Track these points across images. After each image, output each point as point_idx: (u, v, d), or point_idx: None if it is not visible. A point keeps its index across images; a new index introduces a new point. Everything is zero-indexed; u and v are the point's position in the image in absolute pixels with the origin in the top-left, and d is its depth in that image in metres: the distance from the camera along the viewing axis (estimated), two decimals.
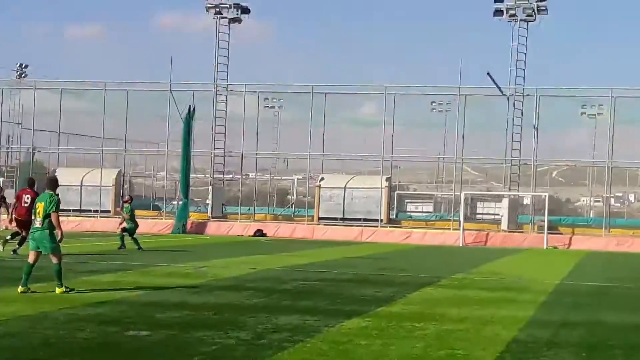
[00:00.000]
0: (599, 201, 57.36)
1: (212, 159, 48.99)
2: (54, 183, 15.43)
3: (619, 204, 72.59)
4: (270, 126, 54.78)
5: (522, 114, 45.56)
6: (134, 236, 27.57)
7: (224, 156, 49.16)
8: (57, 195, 15.04)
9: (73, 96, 52.91)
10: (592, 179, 56.22)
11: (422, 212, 54.70)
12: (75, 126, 53.99)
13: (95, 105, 50.77)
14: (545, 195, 44.31)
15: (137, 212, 43.43)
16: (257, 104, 49.75)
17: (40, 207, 14.88)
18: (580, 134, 54.32)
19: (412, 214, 53.30)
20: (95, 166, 49.62)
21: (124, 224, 27.82)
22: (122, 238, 27.29)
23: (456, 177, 46.61)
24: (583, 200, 75.86)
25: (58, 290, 14.72)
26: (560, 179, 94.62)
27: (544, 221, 41.53)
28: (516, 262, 27.85)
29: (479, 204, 51.61)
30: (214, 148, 48.75)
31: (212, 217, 47.20)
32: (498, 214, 46.54)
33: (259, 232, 43.77)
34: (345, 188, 46.01)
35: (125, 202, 29.16)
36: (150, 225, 42.80)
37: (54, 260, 14.88)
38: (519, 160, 45.78)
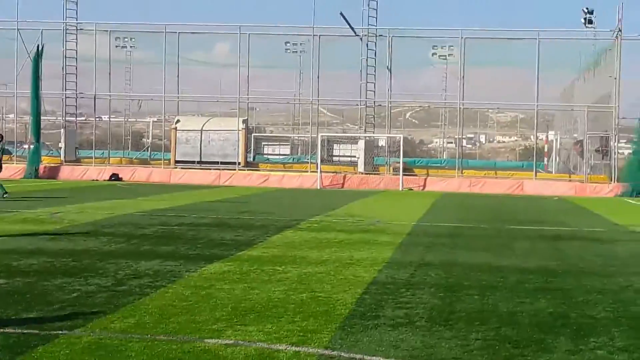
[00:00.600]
0: (451, 142, 58.98)
1: (64, 100, 47.56)
2: None
3: (470, 145, 74.94)
4: (123, 67, 53.45)
5: (375, 55, 46.11)
6: None
7: (76, 98, 47.81)
8: None
9: None
10: (445, 120, 57.70)
11: (280, 154, 54.85)
12: None
13: None
14: (400, 137, 45.23)
15: None
16: (109, 44, 48.42)
17: None
18: (433, 75, 55.41)
19: (270, 157, 53.39)
20: None
21: None
22: None
23: (312, 119, 46.92)
24: (436, 142, 77.81)
25: None
26: (414, 120, 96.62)
27: (399, 163, 42.45)
28: (373, 204, 28.40)
29: (335, 146, 52.16)
30: (66, 89, 47.30)
31: (66, 161, 46.00)
32: (354, 156, 47.22)
33: (115, 177, 42.98)
34: (201, 131, 45.61)
35: None
36: None
37: None
38: (374, 102, 46.45)
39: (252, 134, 52.62)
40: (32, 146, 44.71)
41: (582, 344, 7.85)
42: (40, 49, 44.79)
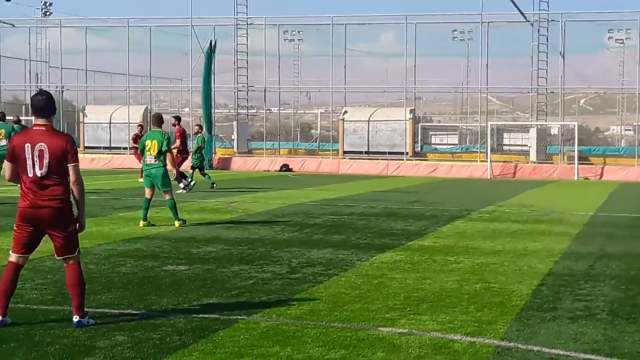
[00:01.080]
0: (629, 130, 56.80)
1: (235, 93, 48.82)
2: (160, 119, 15.80)
3: None
4: (291, 59, 54.41)
5: (547, 41, 44.90)
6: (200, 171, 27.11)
7: (247, 91, 48.98)
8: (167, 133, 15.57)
9: (97, 34, 52.84)
10: (622, 107, 55.61)
11: (448, 144, 54.40)
12: (101, 64, 54.05)
13: (119, 43, 50.67)
14: (574, 125, 43.89)
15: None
16: (278, 37, 49.37)
17: (152, 144, 15.12)
18: (608, 59, 53.46)
19: (437, 147, 53.03)
20: (121, 103, 49.71)
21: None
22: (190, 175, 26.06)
23: (481, 108, 46.24)
24: (613, 129, 75.13)
25: (177, 223, 15.33)
26: (588, 107, 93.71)
27: (573, 152, 41.20)
28: (547, 193, 27.73)
29: (505, 135, 51.24)
30: (237, 83, 48.57)
31: (238, 153, 47.23)
32: (525, 145, 46.16)
33: (285, 167, 43.78)
34: (369, 121, 45.76)
35: (196, 133, 29.04)
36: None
37: (167, 196, 15.35)
38: (546, 89, 45.27)
39: (420, 124, 52.45)
40: (205, 137, 46.11)
41: None
42: (212, 44, 46.16)
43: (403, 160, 43.89)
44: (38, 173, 7.25)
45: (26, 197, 7.31)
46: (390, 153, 44.53)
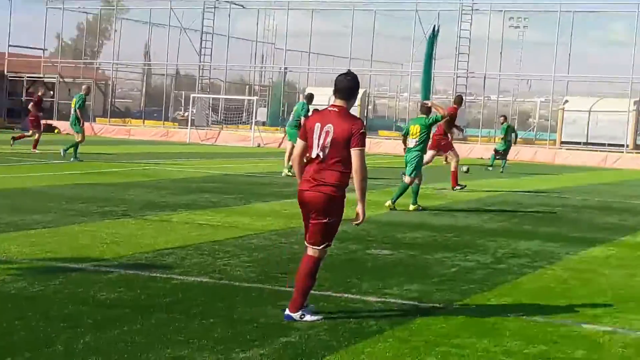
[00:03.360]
0: None
1: (455, 79, 48.61)
2: (429, 110, 16.42)
3: None
4: (513, 47, 53.49)
5: None
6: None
7: (467, 77, 48.62)
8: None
9: (324, 17, 54.10)
10: None
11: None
12: (324, 47, 55.34)
13: (343, 27, 51.63)
14: None
15: (381, 133, 44.28)
16: (502, 24, 48.64)
17: (416, 129, 15.75)
18: None
19: None
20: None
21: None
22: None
23: None
24: None
25: (412, 207, 15.83)
26: None
27: None
28: None
29: None
30: (457, 69, 48.31)
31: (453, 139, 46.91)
32: None
33: (499, 156, 43.11)
34: (590, 111, 44.31)
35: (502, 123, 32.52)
36: (392, 145, 43.33)
37: (415, 181, 15.97)
38: None
39: None
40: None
41: None
42: (436, 29, 46.14)
43: (623, 152, 42.23)
44: (318, 155, 6.99)
45: (304, 179, 7.10)
46: (609, 145, 42.98)
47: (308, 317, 7.03)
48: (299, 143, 7.22)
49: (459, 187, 20.31)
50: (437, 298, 8.24)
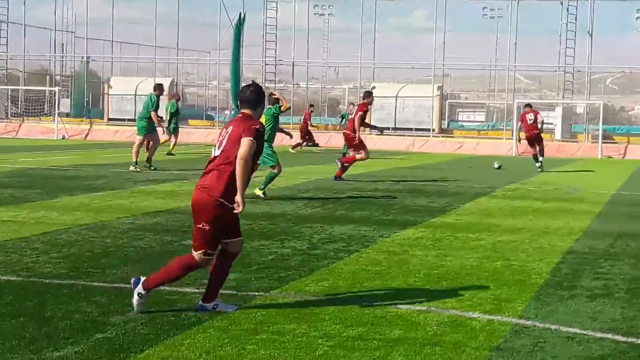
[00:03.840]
0: None
1: (264, 67, 48.82)
2: (276, 100, 16.55)
3: None
4: (320, 34, 54.29)
5: (575, 19, 44.48)
6: None
7: (275, 65, 48.94)
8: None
9: (125, 4, 53.00)
10: None
11: (474, 121, 54.21)
12: (127, 35, 54.20)
13: (146, 14, 50.76)
14: (599, 104, 43.53)
15: (192, 122, 43.81)
16: (308, 11, 49.22)
17: (262, 119, 15.47)
18: (636, 39, 53.02)
19: (464, 124, 52.86)
20: (148, 75, 49.79)
21: None
22: None
23: (508, 86, 45.92)
24: (638, 109, 74.51)
25: (258, 191, 16.00)
26: (614, 86, 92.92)
27: (598, 130, 40.93)
28: (570, 172, 27.55)
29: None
30: (265, 57, 48.52)
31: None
32: (551, 123, 45.84)
33: (312, 142, 43.70)
34: (396, 97, 45.64)
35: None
36: (203, 135, 43.09)
37: (274, 170, 16.26)
38: (573, 68, 44.91)
39: (447, 101, 52.27)
40: (232, 112, 46.17)
41: None
42: (242, 17, 46.06)
43: (429, 137, 43.77)
44: (215, 156, 7.11)
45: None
46: (416, 129, 44.43)
47: (221, 307, 7.13)
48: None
49: (339, 180, 20.47)
50: (256, 286, 8.20)
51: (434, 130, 44.56)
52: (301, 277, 8.74)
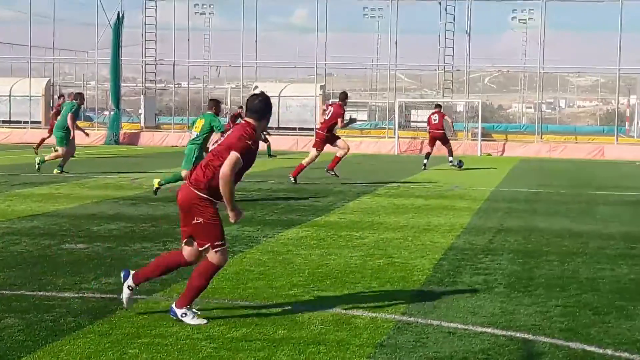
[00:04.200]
0: (530, 107, 58.12)
1: (144, 67, 48.10)
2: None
3: (550, 110, 73.67)
4: (202, 33, 53.88)
5: (454, 19, 45.45)
6: None
7: (156, 64, 48.28)
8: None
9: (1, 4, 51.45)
10: (524, 85, 56.85)
11: (358, 120, 54.73)
12: (1, 35, 52.54)
13: (21, 13, 49.33)
14: (478, 102, 44.64)
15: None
16: (188, 10, 48.75)
17: (200, 123, 15.95)
18: (512, 39, 54.71)
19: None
20: (24, 75, 48.42)
21: None
22: None
23: (390, 85, 46.59)
24: (515, 107, 76.71)
25: (156, 182, 16.06)
26: (492, 85, 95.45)
27: (477, 128, 41.93)
28: (451, 169, 28.12)
29: (413, 112, 51.79)
30: (145, 56, 47.83)
31: (145, 128, 46.59)
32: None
33: None
34: (279, 96, 45.66)
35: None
36: (82, 136, 42.07)
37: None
38: (452, 67, 45.87)
39: (330, 100, 52.59)
40: (112, 113, 45.39)
41: None
42: (120, 16, 45.32)
43: (313, 136, 43.89)
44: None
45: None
46: (300, 129, 44.57)
47: (189, 319, 6.85)
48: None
49: (292, 180, 20.35)
50: (138, 289, 8.02)
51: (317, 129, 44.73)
52: (184, 279, 8.58)
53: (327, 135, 20.57)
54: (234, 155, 6.81)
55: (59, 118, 22.29)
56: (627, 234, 12.64)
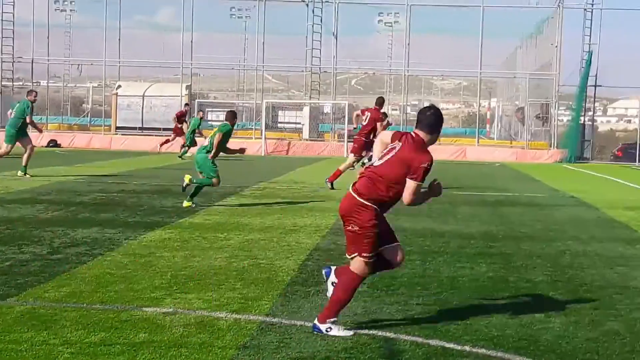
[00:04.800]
0: (396, 109, 59.17)
1: (0, 64, 46.50)
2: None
3: (414, 112, 75.14)
4: (62, 30, 52.38)
5: (321, 21, 45.85)
6: None
7: (13, 62, 46.80)
8: None
9: None
10: (390, 87, 57.80)
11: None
12: None
13: None
14: (345, 104, 45.14)
15: None
16: (47, 6, 47.40)
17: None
18: (378, 42, 55.55)
19: (214, 123, 52.90)
20: None
21: None
22: None
23: (257, 85, 46.57)
24: None
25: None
26: (359, 87, 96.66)
27: (344, 129, 42.37)
28: (318, 170, 28.30)
29: (280, 113, 51.92)
30: (2, 53, 46.26)
31: (1, 127, 45.00)
32: (299, 123, 47.07)
33: (53, 143, 42.20)
34: (143, 96, 44.98)
35: None
36: None
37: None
38: (319, 68, 46.25)
39: (196, 100, 52.20)
40: None
41: (521, 307, 7.89)
42: None
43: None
44: (372, 164, 6.97)
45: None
46: (165, 129, 44.02)
47: (335, 332, 6.70)
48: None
49: (329, 185, 20.04)
50: None
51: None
52: (41, 283, 8.32)
53: (366, 140, 20.33)
54: (414, 185, 6.71)
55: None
56: (486, 233, 12.98)
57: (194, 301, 7.75)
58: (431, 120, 6.90)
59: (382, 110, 21.07)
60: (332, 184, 20.08)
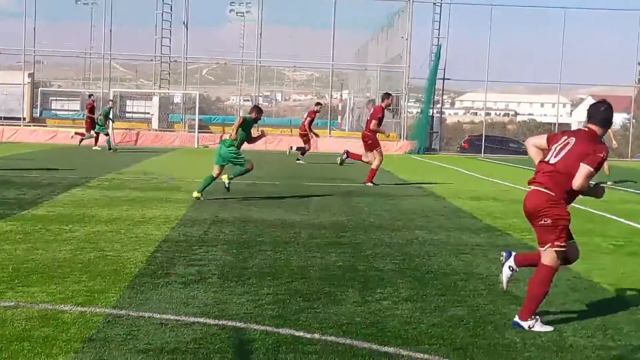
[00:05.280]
0: (248, 100, 59.09)
1: None
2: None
3: (267, 103, 75.35)
4: None
5: (171, 9, 45.31)
6: None
7: None
8: None
9: None
10: (242, 78, 57.66)
11: (69, 110, 53.05)
12: None
13: None
14: (196, 94, 44.72)
15: None
16: None
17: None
18: (230, 32, 55.40)
19: (58, 112, 51.51)
20: None
21: None
22: None
23: (104, 74, 45.57)
24: (233, 99, 77.69)
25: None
26: (210, 77, 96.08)
27: (194, 120, 42.01)
28: (167, 161, 27.97)
29: (128, 102, 50.97)
30: None
31: None
32: (148, 113, 46.33)
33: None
34: None
35: None
36: None
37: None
38: (169, 58, 45.68)
39: (39, 89, 50.66)
40: None
41: (369, 295, 8.01)
42: None
43: (20, 126, 42.15)
44: (549, 161, 7.09)
45: (531, 180, 7.24)
46: (6, 118, 42.68)
47: (537, 327, 6.93)
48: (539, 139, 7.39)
49: (371, 184, 20.03)
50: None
51: (24, 119, 43.04)
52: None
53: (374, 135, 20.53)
54: (587, 169, 6.90)
55: None
56: (336, 223, 13.12)
57: (37, 294, 7.50)
58: (605, 115, 7.19)
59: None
60: (373, 183, 20.32)
